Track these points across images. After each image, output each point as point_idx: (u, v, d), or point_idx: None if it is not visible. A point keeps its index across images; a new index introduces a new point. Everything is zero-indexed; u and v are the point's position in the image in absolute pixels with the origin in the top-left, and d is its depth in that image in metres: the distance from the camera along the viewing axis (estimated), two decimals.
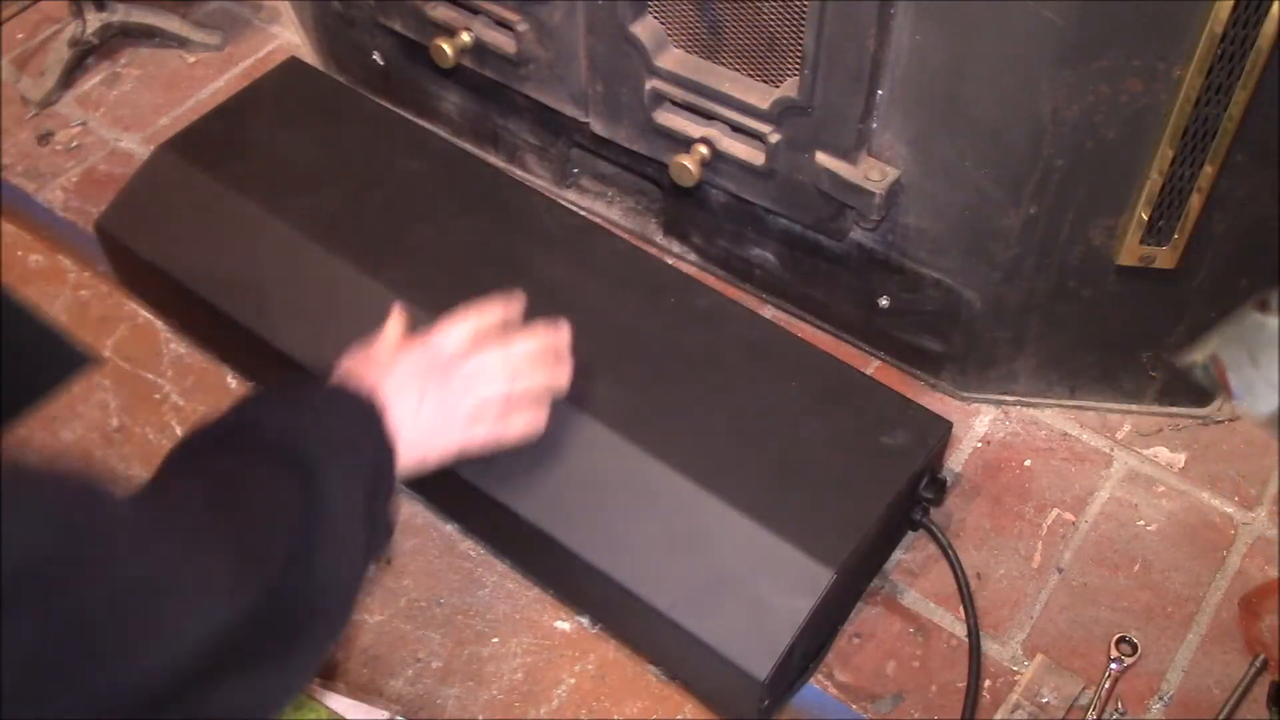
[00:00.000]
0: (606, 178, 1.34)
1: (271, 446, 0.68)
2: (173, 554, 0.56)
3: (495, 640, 1.03)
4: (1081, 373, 1.15)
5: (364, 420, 0.75)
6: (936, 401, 1.18)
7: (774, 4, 0.99)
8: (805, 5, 0.96)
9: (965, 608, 1.02)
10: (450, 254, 1.11)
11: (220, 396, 1.21)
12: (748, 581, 0.91)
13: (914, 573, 1.07)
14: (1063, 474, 1.13)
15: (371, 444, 0.75)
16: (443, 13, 1.22)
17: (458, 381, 0.84)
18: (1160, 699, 0.99)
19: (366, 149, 1.21)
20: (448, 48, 1.20)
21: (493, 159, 1.38)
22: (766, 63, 1.04)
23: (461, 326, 0.88)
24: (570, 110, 1.20)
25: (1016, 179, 0.97)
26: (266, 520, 0.63)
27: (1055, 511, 1.10)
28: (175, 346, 1.24)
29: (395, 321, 0.89)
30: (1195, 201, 0.94)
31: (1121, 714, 0.98)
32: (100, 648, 0.51)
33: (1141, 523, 1.10)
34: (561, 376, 0.91)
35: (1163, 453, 1.14)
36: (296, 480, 0.66)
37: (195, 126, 1.24)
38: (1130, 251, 1.00)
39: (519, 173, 1.37)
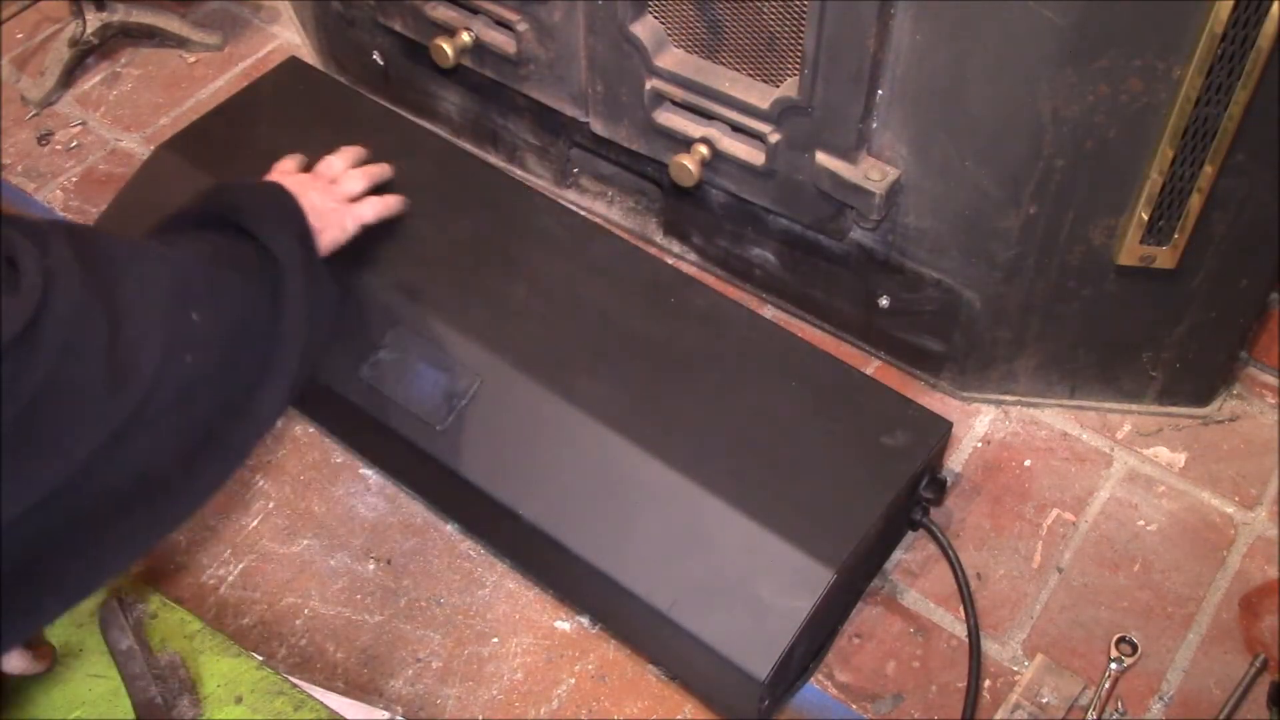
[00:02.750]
0: (606, 177, 1.34)
1: (236, 222, 0.88)
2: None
3: (495, 640, 1.03)
4: (1081, 373, 1.14)
5: (288, 200, 0.96)
6: (936, 401, 1.18)
7: (774, 4, 0.99)
8: (805, 5, 0.96)
9: (965, 608, 1.02)
10: (450, 253, 1.11)
11: None
12: (748, 581, 0.91)
13: (914, 573, 1.07)
14: (1063, 474, 1.13)
15: (298, 217, 0.95)
16: (443, 13, 1.22)
17: (330, 187, 1.07)
18: (1160, 699, 0.99)
19: (366, 149, 1.21)
20: (448, 48, 1.20)
21: (493, 159, 1.38)
22: (766, 63, 1.04)
23: (332, 161, 1.11)
24: (570, 110, 1.20)
25: (1016, 179, 0.97)
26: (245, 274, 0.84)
27: (1055, 511, 1.10)
28: None
29: (287, 159, 1.11)
30: (1195, 201, 0.94)
31: (1121, 714, 0.98)
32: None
33: (1141, 523, 1.10)
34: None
35: (1163, 453, 1.14)
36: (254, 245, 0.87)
37: (195, 126, 1.24)
38: (1130, 251, 1.00)
39: (519, 173, 1.37)
